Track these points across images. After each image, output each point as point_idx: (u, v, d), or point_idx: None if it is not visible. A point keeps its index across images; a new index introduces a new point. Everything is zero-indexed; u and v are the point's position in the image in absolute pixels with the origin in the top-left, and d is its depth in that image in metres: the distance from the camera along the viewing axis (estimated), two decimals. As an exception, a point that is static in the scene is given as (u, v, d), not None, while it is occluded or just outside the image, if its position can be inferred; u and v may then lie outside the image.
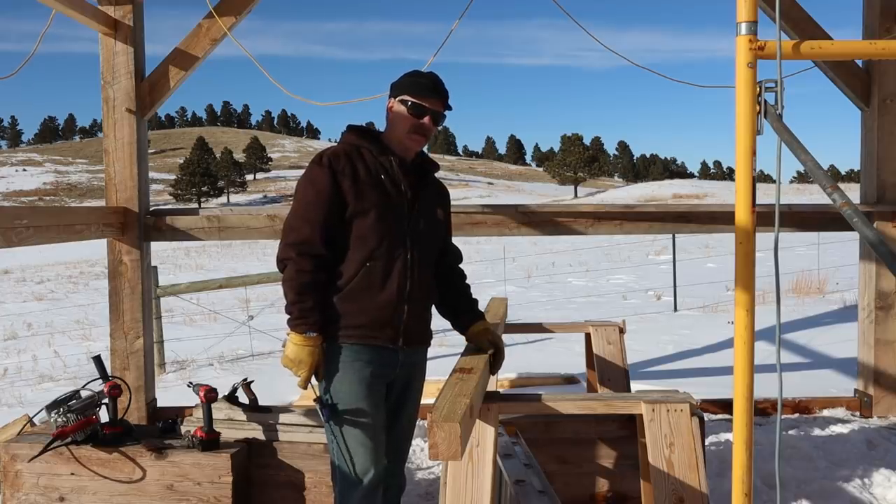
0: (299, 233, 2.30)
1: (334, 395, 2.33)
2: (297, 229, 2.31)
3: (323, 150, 2.41)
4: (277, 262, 2.36)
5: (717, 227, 4.58)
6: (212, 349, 7.59)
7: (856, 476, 3.50)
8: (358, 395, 2.33)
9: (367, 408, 2.34)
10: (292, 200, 2.40)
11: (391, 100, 2.45)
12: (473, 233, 4.50)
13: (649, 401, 2.12)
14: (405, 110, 2.41)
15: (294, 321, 2.27)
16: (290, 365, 2.28)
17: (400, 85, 2.45)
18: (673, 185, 72.69)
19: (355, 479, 2.33)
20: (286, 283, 2.30)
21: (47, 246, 4.48)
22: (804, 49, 1.89)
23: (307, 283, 2.27)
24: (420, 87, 2.42)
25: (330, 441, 2.40)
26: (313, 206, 2.31)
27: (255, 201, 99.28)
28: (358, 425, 2.33)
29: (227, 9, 4.27)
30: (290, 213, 2.37)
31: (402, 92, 2.43)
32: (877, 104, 4.50)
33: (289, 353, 2.28)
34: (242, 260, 22.40)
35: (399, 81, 2.47)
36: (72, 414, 3.03)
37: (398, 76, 2.50)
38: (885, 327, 4.56)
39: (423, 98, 2.41)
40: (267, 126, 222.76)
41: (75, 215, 4.10)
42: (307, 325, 2.25)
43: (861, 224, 1.79)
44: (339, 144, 2.46)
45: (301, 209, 2.34)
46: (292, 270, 2.28)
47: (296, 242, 2.29)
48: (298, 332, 2.26)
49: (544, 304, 10.28)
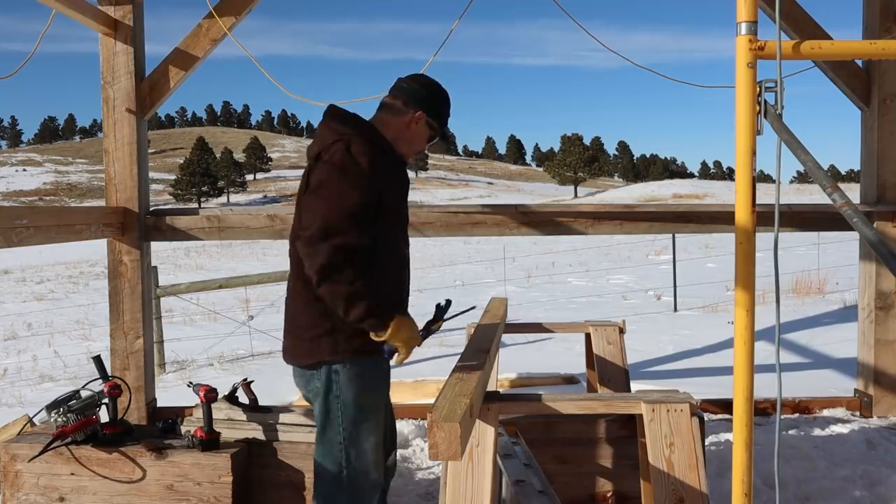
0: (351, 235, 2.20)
1: (363, 402, 2.34)
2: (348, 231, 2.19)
3: (356, 141, 2.22)
4: (317, 255, 2.14)
5: (717, 227, 4.58)
6: (212, 349, 7.59)
7: (856, 476, 3.50)
8: (380, 398, 2.42)
9: (381, 409, 2.44)
10: (329, 194, 2.18)
11: (421, 112, 2.37)
12: (473, 233, 4.50)
13: (649, 401, 2.12)
14: (427, 133, 2.41)
15: (382, 320, 2.19)
16: (409, 346, 2.25)
17: (436, 109, 2.41)
18: (673, 185, 72.74)
19: (370, 478, 2.38)
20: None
21: (47, 246, 4.49)
22: (804, 49, 1.89)
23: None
24: (447, 119, 2.45)
25: (336, 444, 2.34)
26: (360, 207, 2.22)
27: (255, 201, 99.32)
28: (376, 426, 2.39)
29: (227, 9, 4.27)
30: (345, 213, 2.18)
31: (434, 116, 2.40)
32: (877, 104, 4.50)
33: (400, 340, 2.22)
34: (242, 260, 22.40)
35: (436, 102, 2.41)
36: (72, 414, 3.03)
37: (434, 84, 2.43)
38: (885, 327, 4.56)
39: (445, 131, 2.48)
40: (267, 126, 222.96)
41: (75, 215, 4.10)
42: (387, 316, 2.20)
43: (861, 224, 1.79)
44: (370, 143, 2.28)
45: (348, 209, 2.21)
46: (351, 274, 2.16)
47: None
48: (387, 324, 2.19)
49: (544, 304, 10.28)
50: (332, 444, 2.35)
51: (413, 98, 2.39)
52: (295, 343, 2.36)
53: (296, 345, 2.36)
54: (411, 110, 2.38)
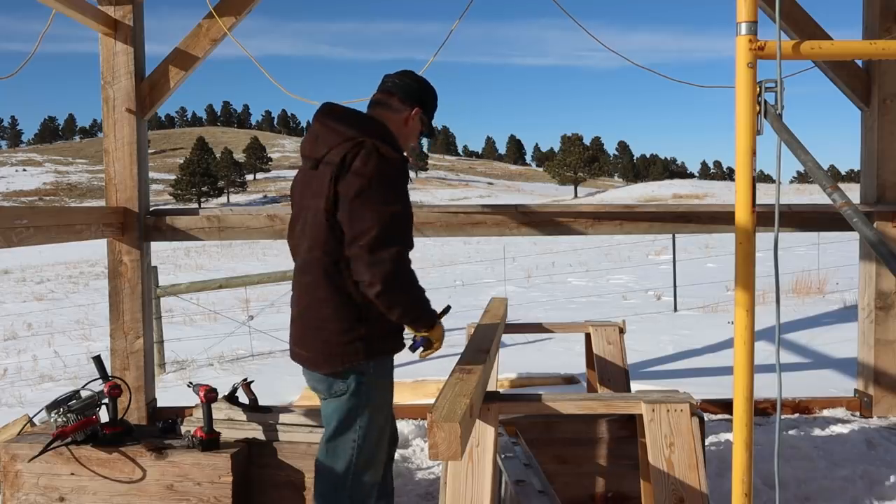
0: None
1: (381, 401, 2.41)
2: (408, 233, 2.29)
3: (381, 143, 2.26)
4: (380, 263, 2.18)
5: (717, 227, 4.58)
6: (212, 349, 7.59)
7: (856, 476, 3.50)
8: (392, 396, 2.49)
9: (391, 406, 2.51)
10: (377, 198, 2.20)
11: (417, 108, 2.43)
12: (473, 233, 4.49)
13: (649, 401, 2.12)
14: (420, 128, 2.47)
15: (432, 319, 2.37)
16: (442, 340, 2.44)
17: (428, 103, 2.49)
18: (673, 185, 72.75)
19: (373, 478, 2.43)
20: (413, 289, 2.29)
21: (47, 246, 4.50)
22: (804, 49, 1.89)
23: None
24: (434, 112, 2.52)
25: (350, 442, 2.38)
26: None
27: (255, 201, 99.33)
28: (386, 424, 2.47)
29: (227, 9, 4.27)
30: (397, 216, 2.23)
31: (427, 112, 2.48)
32: (877, 104, 4.50)
33: (438, 336, 2.42)
34: (242, 260, 22.40)
35: (428, 97, 2.49)
36: (72, 414, 3.03)
37: (425, 81, 2.49)
38: (885, 327, 4.56)
39: (434, 127, 2.56)
40: (267, 126, 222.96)
41: (75, 215, 4.10)
42: (436, 314, 2.39)
43: (861, 224, 1.79)
44: (391, 143, 2.32)
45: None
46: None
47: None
48: (436, 321, 2.39)
49: (544, 304, 10.27)
50: (345, 443, 2.36)
51: (409, 95, 2.43)
52: (323, 350, 2.31)
53: (325, 352, 2.31)
54: (408, 107, 2.42)
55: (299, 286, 2.38)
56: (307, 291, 2.34)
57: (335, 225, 2.23)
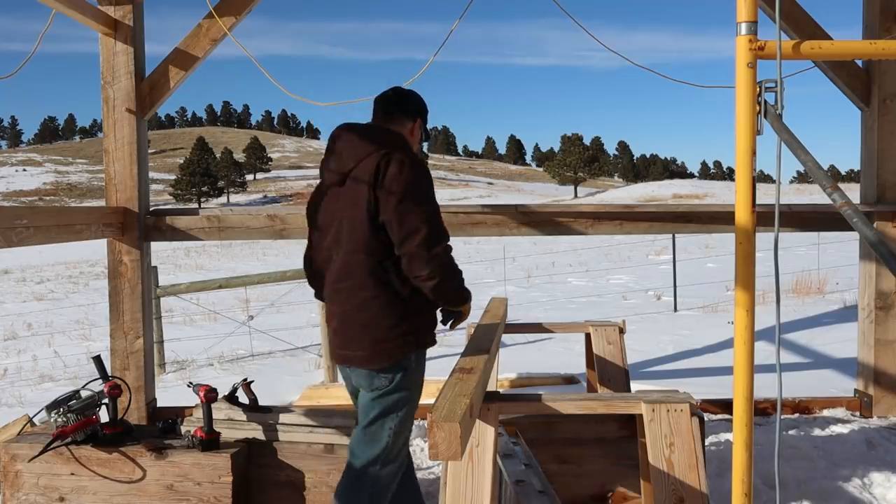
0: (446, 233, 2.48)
1: (416, 396, 2.53)
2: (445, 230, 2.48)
3: (409, 150, 2.51)
4: (436, 257, 2.39)
5: (717, 227, 4.58)
6: (212, 349, 7.59)
7: (856, 476, 3.50)
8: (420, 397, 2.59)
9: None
10: (419, 200, 2.41)
11: (419, 119, 2.68)
12: (473, 233, 4.50)
13: (649, 401, 2.12)
14: (418, 136, 2.68)
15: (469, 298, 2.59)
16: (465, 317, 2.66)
17: (426, 115, 2.72)
18: (673, 185, 72.74)
19: (399, 466, 2.53)
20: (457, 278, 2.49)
21: (47, 246, 4.50)
22: (804, 49, 1.89)
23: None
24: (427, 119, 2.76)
25: (386, 430, 2.47)
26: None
27: (255, 201, 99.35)
28: (412, 424, 2.59)
29: (227, 9, 4.27)
30: (436, 213, 2.45)
31: (425, 121, 2.72)
32: (877, 104, 4.50)
33: (468, 310, 2.65)
34: (242, 260, 22.40)
35: (424, 108, 2.72)
36: (72, 414, 3.03)
37: (416, 93, 2.71)
38: (885, 327, 4.56)
39: (429, 133, 2.79)
40: (267, 126, 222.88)
41: (75, 215, 4.10)
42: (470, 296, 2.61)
43: (861, 224, 1.79)
44: (415, 153, 2.57)
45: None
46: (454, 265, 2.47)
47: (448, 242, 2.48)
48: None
49: (544, 304, 10.28)
50: (381, 432, 2.46)
51: (412, 108, 2.67)
52: (373, 347, 2.42)
53: (375, 348, 2.42)
54: (411, 120, 2.65)
55: (338, 293, 2.49)
56: (349, 296, 2.46)
57: (378, 228, 2.39)
